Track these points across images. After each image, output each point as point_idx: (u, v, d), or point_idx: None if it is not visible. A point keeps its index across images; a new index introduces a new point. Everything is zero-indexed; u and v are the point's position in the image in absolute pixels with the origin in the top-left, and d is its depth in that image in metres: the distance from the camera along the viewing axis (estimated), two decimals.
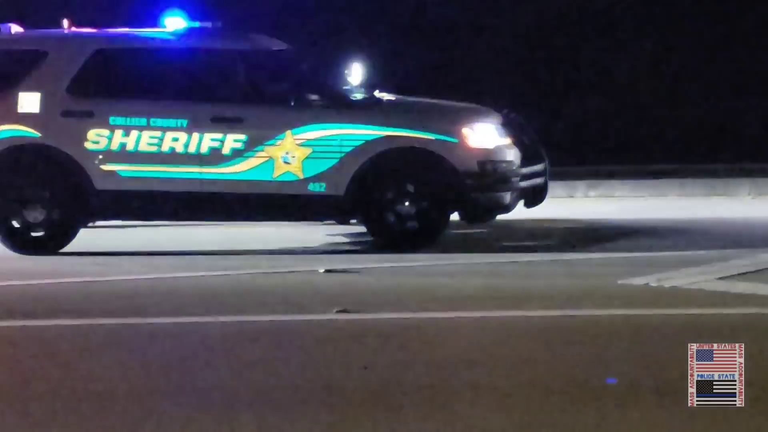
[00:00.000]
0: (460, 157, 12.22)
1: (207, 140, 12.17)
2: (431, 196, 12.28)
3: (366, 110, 12.56)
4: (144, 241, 13.55)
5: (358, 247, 13.14)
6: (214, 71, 12.61)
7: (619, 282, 10.21)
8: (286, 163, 12.11)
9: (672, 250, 12.28)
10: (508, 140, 12.49)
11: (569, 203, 16.28)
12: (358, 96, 13.05)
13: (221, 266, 11.71)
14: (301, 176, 12.13)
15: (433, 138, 12.24)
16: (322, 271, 11.04)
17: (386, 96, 13.13)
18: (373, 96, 13.07)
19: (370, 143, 12.19)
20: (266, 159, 12.15)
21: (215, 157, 12.18)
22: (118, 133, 12.16)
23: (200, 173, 12.23)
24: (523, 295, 9.96)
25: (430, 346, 8.39)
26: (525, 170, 12.61)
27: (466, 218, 12.70)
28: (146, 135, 12.17)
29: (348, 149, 12.17)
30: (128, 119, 12.21)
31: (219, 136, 12.15)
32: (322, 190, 12.14)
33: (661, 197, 16.97)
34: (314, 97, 12.47)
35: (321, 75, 13.43)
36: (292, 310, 9.37)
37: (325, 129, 12.23)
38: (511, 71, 19.48)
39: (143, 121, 12.18)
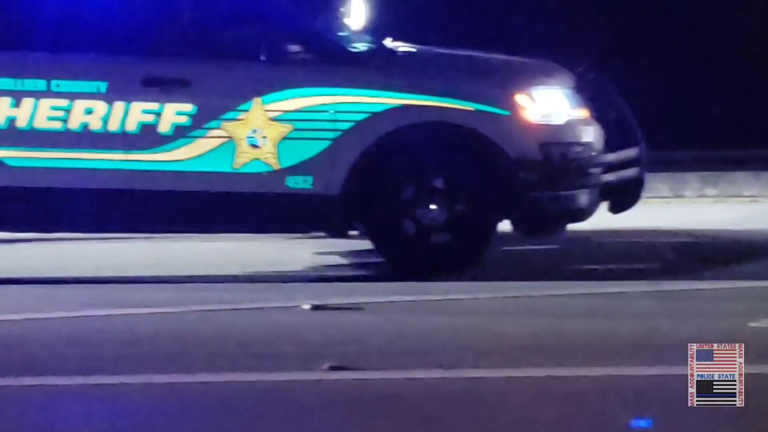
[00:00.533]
0: (513, 137, 12.17)
1: (136, 112, 12.07)
2: (469, 196, 12.14)
3: (372, 68, 12.45)
4: (42, 261, 13.60)
5: (360, 271, 13.13)
6: (147, 12, 12.58)
7: (751, 325, 9.67)
8: (254, 146, 12.05)
9: None
10: (585, 113, 12.33)
11: (676, 206, 16.65)
12: (361, 47, 12.84)
13: (154, 300, 11.36)
14: (276, 166, 12.06)
15: (472, 108, 12.15)
16: (307, 307, 10.60)
17: (402, 47, 12.97)
18: (383, 46, 12.92)
19: (378, 116, 12.09)
20: (224, 141, 12.08)
21: (148, 137, 12.10)
22: (4, 102, 12.10)
23: (126, 161, 12.16)
24: (603, 345, 9.48)
25: (461, 420, 7.69)
26: (610, 158, 12.53)
27: (522, 228, 12.58)
28: (45, 105, 12.11)
29: (346, 126, 12.09)
30: (18, 82, 12.15)
31: (154, 106, 12.07)
32: (308, 186, 12.11)
33: None
34: (296, 48, 12.29)
35: (305, 16, 13.17)
36: (263, 367, 8.86)
37: (311, 96, 12.16)
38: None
39: (42, 84, 12.13)
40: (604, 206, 12.66)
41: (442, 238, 12.08)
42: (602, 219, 13.04)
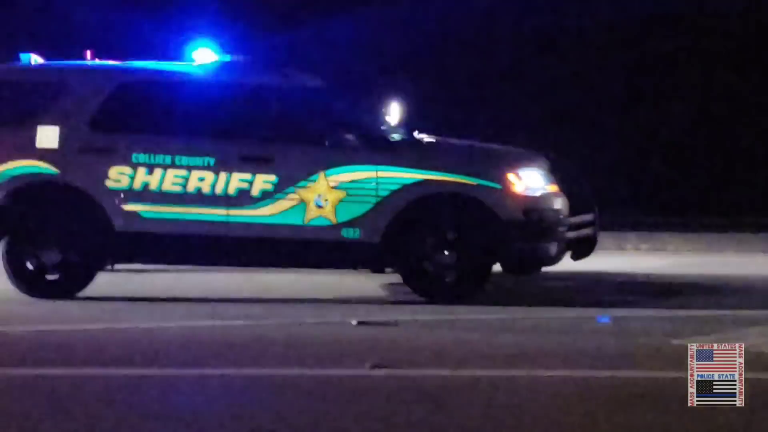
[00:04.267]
0: (504, 204, 12.06)
1: (235, 180, 12.06)
2: (473, 246, 12.08)
3: (404, 152, 12.35)
4: (165, 286, 13.47)
5: (394, 297, 12.91)
6: (244, 107, 12.45)
7: (674, 342, 9.77)
8: (319, 206, 11.99)
9: (731, 308, 11.94)
10: (555, 187, 12.29)
11: (619, 256, 16.18)
12: (397, 136, 12.84)
13: (245, 315, 11.49)
14: (335, 221, 11.98)
15: (475, 183, 12.09)
16: (354, 323, 10.74)
17: (426, 137, 12.89)
18: (412, 137, 12.86)
19: (408, 187, 12.03)
20: (297, 202, 12.01)
21: (243, 198, 12.05)
22: (141, 171, 12.07)
23: (227, 216, 12.12)
24: (570, 354, 9.70)
25: (470, 407, 7.95)
26: (573, 220, 12.41)
27: (509, 269, 12.46)
28: (171, 174, 12.09)
29: (385, 193, 12.02)
30: (152, 157, 12.09)
31: (248, 176, 12.03)
32: (357, 236, 11.99)
33: (717, 253, 16.89)
34: (350, 136, 12.21)
35: (357, 114, 13.25)
36: (322, 364, 9.10)
37: (360, 171, 12.07)
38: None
39: (168, 159, 12.09)
40: (567, 255, 12.60)
41: (452, 275, 12.07)
42: (567, 264, 12.88)
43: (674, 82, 22.98)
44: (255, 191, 11.99)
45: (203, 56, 12.58)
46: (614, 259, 15.75)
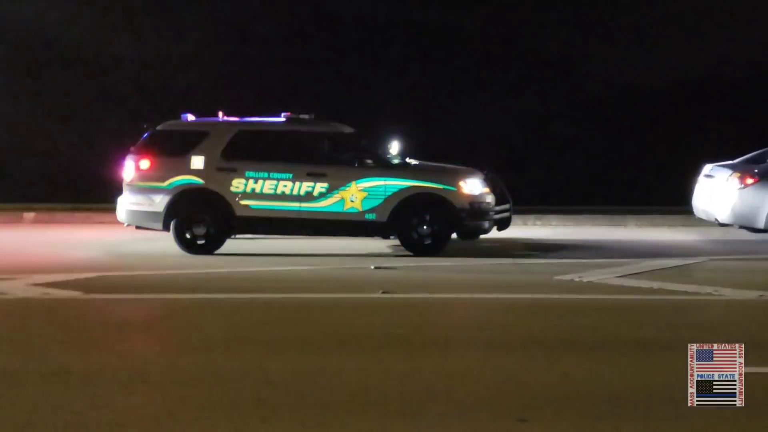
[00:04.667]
0: (457, 199, 12.36)
1: (304, 186, 12.24)
2: (439, 223, 12.42)
3: (400, 170, 12.61)
4: (264, 247, 13.26)
5: (395, 253, 12.75)
6: (309, 144, 12.56)
7: (555, 277, 10.38)
8: (352, 201, 12.19)
9: (588, 258, 12.15)
10: (487, 189, 12.68)
11: (524, 228, 15.77)
12: (396, 161, 13.05)
13: (309, 263, 11.71)
14: (361, 209, 12.24)
15: (441, 187, 12.39)
16: (372, 267, 11.12)
17: (413, 161, 13.16)
18: (405, 161, 13.11)
19: (403, 190, 12.28)
20: (339, 199, 12.24)
21: (308, 197, 12.24)
22: (251, 181, 12.29)
23: (299, 206, 12.30)
24: (495, 284, 9.98)
25: (445, 315, 8.58)
26: (497, 208, 12.85)
27: (461, 237, 12.74)
28: (267, 183, 12.26)
29: (389, 194, 12.27)
30: (256, 173, 12.31)
31: (311, 184, 12.25)
32: (374, 218, 12.27)
33: (579, 226, 16.28)
34: (369, 161, 12.53)
35: (373, 147, 13.23)
36: (352, 291, 9.46)
37: (375, 181, 12.26)
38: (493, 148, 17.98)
39: (265, 174, 12.30)
40: (495, 228, 12.87)
41: (428, 240, 12.37)
42: (494, 233, 13.06)
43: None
44: (315, 193, 12.24)
45: (285, 114, 12.83)
46: (521, 230, 15.35)
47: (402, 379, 6.16)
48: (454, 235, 12.69)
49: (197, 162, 12.37)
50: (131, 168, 12.47)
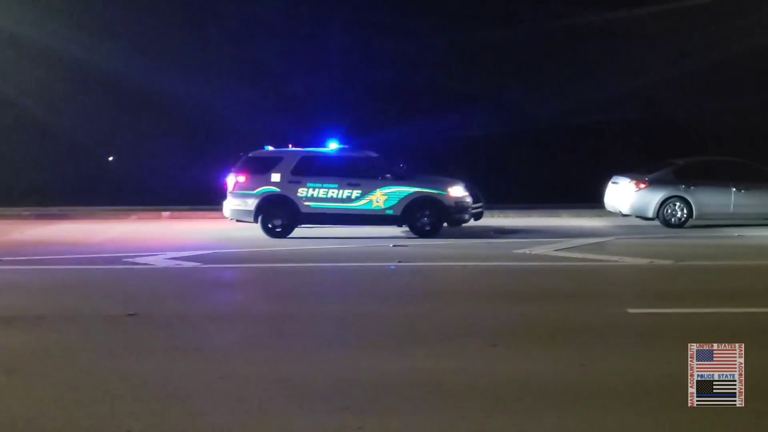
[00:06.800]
0: (447, 200, 12.16)
1: (346, 192, 12.05)
2: (435, 216, 12.18)
3: (410, 180, 12.29)
4: (321, 233, 12.80)
5: (407, 236, 12.27)
6: (349, 165, 12.29)
7: (513, 251, 10.19)
8: (377, 202, 11.99)
9: (535, 238, 11.78)
10: (467, 193, 12.46)
11: (492, 219, 14.90)
12: (404, 175, 12.48)
13: (348, 243, 11.37)
14: (383, 207, 12.03)
15: (436, 192, 12.19)
16: (391, 246, 10.87)
17: (418, 174, 12.64)
18: (412, 173, 12.56)
19: (411, 194, 12.07)
20: (369, 201, 12.03)
21: (349, 199, 12.05)
22: (311, 189, 12.09)
23: (344, 206, 12.12)
24: (473, 256, 9.78)
25: (440, 276, 8.47)
26: (474, 206, 12.61)
27: (450, 225, 12.39)
28: (321, 190, 12.07)
29: (402, 196, 12.06)
30: (314, 184, 12.11)
31: (350, 191, 12.06)
32: (391, 213, 12.05)
33: (529, 217, 15.47)
34: (388, 175, 12.26)
35: (391, 165, 12.61)
36: (376, 261, 9.28)
37: (393, 188, 12.04)
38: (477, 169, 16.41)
39: (320, 184, 12.10)
40: (473, 219, 12.45)
41: (428, 227, 12.07)
42: (472, 223, 12.58)
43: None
44: (353, 196, 12.03)
45: (333, 145, 12.70)
46: (490, 220, 14.44)
47: (409, 317, 6.21)
48: (445, 224, 12.46)
49: (275, 177, 12.23)
50: (232, 181, 12.27)
